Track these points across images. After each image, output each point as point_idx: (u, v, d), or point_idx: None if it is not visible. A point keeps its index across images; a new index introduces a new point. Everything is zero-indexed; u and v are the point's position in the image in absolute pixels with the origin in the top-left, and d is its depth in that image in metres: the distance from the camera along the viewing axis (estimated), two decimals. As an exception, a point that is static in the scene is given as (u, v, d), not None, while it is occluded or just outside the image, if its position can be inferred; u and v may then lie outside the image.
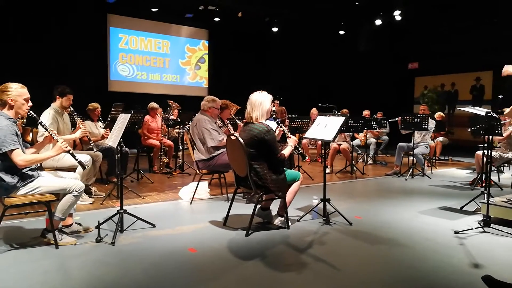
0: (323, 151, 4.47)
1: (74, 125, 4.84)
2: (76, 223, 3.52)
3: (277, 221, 3.80)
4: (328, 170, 7.12)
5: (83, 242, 3.29)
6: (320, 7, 10.67)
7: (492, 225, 3.69)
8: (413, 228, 3.84)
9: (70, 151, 3.22)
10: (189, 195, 4.86)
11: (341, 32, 12.46)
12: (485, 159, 4.45)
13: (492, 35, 10.42)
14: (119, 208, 3.53)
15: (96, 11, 10.02)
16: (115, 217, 3.50)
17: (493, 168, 6.27)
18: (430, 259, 3.05)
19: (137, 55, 11.16)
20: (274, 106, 3.72)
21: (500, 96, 3.70)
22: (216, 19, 11.20)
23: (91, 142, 4.47)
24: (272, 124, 3.84)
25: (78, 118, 4.50)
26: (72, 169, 4.13)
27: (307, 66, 12.88)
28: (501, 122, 5.82)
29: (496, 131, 5.42)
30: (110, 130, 3.92)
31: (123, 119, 3.57)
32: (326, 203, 4.03)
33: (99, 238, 3.27)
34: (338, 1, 10.64)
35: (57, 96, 4.49)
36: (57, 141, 3.15)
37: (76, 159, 3.29)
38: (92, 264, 2.86)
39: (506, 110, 6.00)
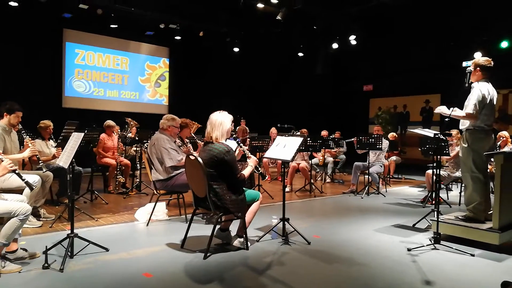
0: (283, 170, 4.51)
1: (23, 144, 4.59)
2: (21, 248, 3.29)
3: (237, 242, 3.76)
4: (287, 189, 7.19)
5: (29, 269, 3.07)
6: (280, 30, 10.96)
7: (442, 242, 3.85)
8: (369, 246, 3.93)
9: (16, 171, 3.04)
10: (146, 216, 4.70)
11: (300, 54, 12.83)
12: (434, 177, 4.68)
13: (440, 61, 11.16)
14: (69, 231, 3.35)
15: (52, 25, 9.69)
16: (65, 242, 3.31)
17: (442, 186, 6.61)
18: (385, 276, 3.13)
19: (94, 71, 10.86)
20: (241, 124, 3.74)
21: (447, 119, 3.92)
22: (177, 38, 11.18)
23: (40, 161, 4.24)
24: (232, 144, 3.84)
25: (27, 137, 4.27)
26: (19, 191, 3.90)
27: (267, 87, 13.09)
28: (449, 142, 6.20)
29: (444, 151, 5.76)
30: (62, 149, 3.75)
31: (75, 139, 3.43)
32: (285, 222, 4.05)
33: (46, 265, 3.07)
34: (297, 25, 11.00)
35: (5, 113, 4.24)
36: (2, 161, 2.97)
37: (23, 180, 3.12)
38: (38, 293, 2.68)
39: (453, 132, 6.39)
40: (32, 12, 8.99)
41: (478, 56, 4.21)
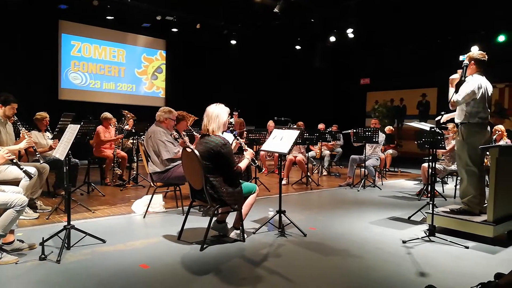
0: (280, 163, 4.53)
1: (18, 135, 4.57)
2: (18, 240, 3.29)
3: (233, 234, 3.78)
4: (284, 182, 7.21)
5: (25, 260, 3.08)
6: (277, 22, 10.91)
7: (436, 234, 3.88)
8: (365, 238, 3.96)
9: (14, 160, 3.03)
10: (143, 208, 4.71)
11: (298, 47, 12.78)
12: (430, 171, 4.71)
13: (437, 55, 11.17)
14: (66, 223, 3.35)
15: (47, 16, 9.60)
16: (62, 233, 3.32)
17: (437, 179, 6.65)
18: (380, 268, 3.16)
19: (91, 63, 10.78)
20: (233, 117, 3.73)
21: (443, 113, 3.93)
22: (174, 30, 11.11)
23: (37, 153, 4.23)
24: (229, 137, 3.84)
25: (23, 128, 4.26)
26: (16, 183, 3.89)
27: (264, 79, 13.06)
28: (445, 136, 6.22)
29: (440, 145, 5.79)
30: (59, 141, 3.74)
31: (72, 130, 3.42)
32: (282, 215, 4.07)
33: (43, 256, 3.07)
34: (295, 18, 10.95)
35: (0, 105, 4.22)
36: (-1, 151, 2.97)
37: (21, 168, 3.12)
38: (35, 285, 2.68)
39: (449, 126, 6.41)
40: (27, 3, 8.90)
41: (474, 50, 4.21)
